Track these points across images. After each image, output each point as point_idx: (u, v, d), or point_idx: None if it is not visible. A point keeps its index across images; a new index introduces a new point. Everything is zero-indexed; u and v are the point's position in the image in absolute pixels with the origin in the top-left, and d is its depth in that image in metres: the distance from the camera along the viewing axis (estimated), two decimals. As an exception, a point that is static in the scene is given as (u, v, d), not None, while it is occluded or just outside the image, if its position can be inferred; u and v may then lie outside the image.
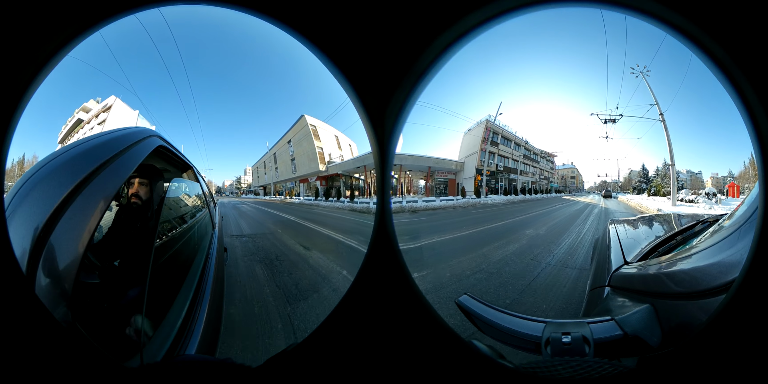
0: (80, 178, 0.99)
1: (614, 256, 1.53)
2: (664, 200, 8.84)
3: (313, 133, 9.13)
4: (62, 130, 5.71)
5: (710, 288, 0.80)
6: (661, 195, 9.14)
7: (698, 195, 7.99)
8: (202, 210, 2.92)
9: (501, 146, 10.81)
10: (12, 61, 0.59)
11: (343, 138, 9.52)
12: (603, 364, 0.69)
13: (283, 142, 9.94)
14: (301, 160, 9.56)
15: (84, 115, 5.81)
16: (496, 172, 10.72)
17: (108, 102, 5.92)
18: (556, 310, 2.90)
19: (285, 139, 9.83)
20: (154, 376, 0.69)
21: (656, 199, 9.22)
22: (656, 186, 9.25)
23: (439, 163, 10.74)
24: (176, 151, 2.28)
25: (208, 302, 1.80)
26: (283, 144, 9.80)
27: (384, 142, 0.71)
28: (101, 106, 5.92)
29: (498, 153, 10.80)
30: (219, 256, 2.59)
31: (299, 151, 9.56)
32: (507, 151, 11.07)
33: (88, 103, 5.78)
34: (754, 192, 0.87)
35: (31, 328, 0.59)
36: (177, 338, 1.32)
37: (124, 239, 1.85)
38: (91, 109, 5.85)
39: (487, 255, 4.88)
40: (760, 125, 0.56)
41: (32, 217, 0.86)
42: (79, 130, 5.84)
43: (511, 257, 4.84)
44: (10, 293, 0.58)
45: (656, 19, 0.62)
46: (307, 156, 9.35)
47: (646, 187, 9.59)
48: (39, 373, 0.59)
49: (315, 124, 9.15)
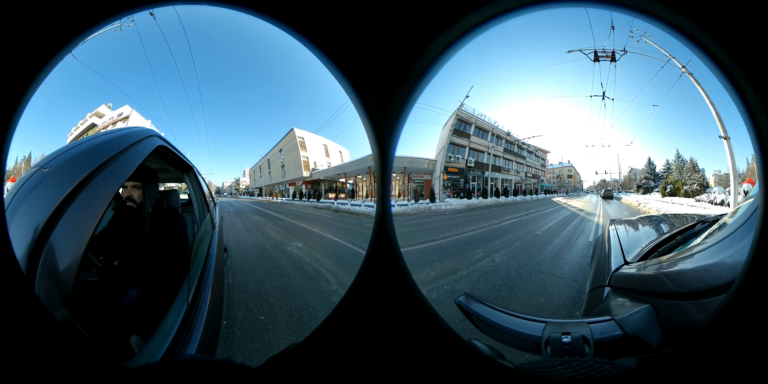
0: (80, 178, 0.99)
1: (614, 256, 1.53)
2: (696, 203, 6.56)
3: (300, 144, 11.20)
4: (72, 132, 5.77)
5: (710, 288, 0.80)
6: (683, 195, 7.01)
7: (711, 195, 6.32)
8: (202, 210, 2.92)
9: (473, 138, 9.22)
10: (12, 62, 0.59)
11: (333, 146, 11.42)
12: (603, 364, 0.69)
13: (276, 150, 12.06)
14: (289, 167, 11.59)
15: (98, 120, 5.90)
16: (465, 169, 8.86)
17: (123, 111, 6.07)
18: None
19: (277, 147, 11.96)
20: (154, 376, 0.69)
21: (680, 200, 6.97)
22: (673, 183, 7.00)
23: (414, 163, 10.36)
24: (176, 151, 2.28)
25: (208, 302, 1.80)
26: (275, 152, 11.88)
27: (384, 143, 0.71)
28: (116, 114, 6.05)
29: (469, 146, 9.20)
30: (219, 256, 2.59)
31: (288, 159, 11.58)
32: (481, 144, 9.14)
33: (100, 108, 5.91)
34: (753, 192, 0.87)
35: (31, 328, 0.59)
36: (177, 338, 1.32)
37: (121, 241, 1.85)
38: (105, 115, 5.96)
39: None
40: (760, 125, 0.56)
41: (32, 217, 0.86)
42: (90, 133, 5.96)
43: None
44: (10, 293, 0.58)
45: (656, 19, 0.62)
46: (294, 164, 11.31)
47: (654, 184, 7.73)
48: (39, 373, 0.59)
49: (303, 136, 11.19)
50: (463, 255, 5.15)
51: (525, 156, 9.80)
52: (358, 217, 8.81)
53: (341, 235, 6.83)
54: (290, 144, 11.55)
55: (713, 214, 4.94)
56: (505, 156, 9.55)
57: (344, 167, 11.05)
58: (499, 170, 9.51)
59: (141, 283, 1.64)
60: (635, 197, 7.92)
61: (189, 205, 3.00)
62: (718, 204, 6.14)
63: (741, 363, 0.57)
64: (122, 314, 1.44)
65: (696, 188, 6.84)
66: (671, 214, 4.12)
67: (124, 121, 5.97)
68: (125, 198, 1.88)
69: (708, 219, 1.63)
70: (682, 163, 7.28)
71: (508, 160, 9.60)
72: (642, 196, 7.88)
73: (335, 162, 11.30)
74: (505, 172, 9.56)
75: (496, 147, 9.50)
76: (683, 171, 7.13)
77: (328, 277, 4.33)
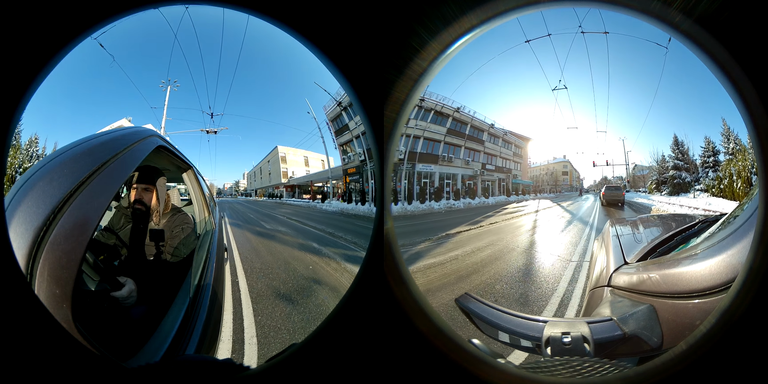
0: (80, 178, 0.99)
1: (614, 256, 1.53)
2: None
3: (281, 159, 16.72)
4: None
5: (710, 288, 0.80)
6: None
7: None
8: (202, 210, 2.92)
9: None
10: (12, 62, 0.59)
11: (315, 156, 16.80)
12: (603, 364, 0.69)
13: (265, 161, 18.43)
14: (273, 175, 17.23)
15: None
16: (360, 166, 5.91)
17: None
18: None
19: (266, 159, 18.22)
20: (154, 376, 0.69)
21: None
22: (738, 173, 3.57)
23: (319, 175, 13.41)
24: (176, 151, 2.28)
25: (208, 302, 1.80)
26: (265, 162, 18.04)
27: (383, 143, 0.71)
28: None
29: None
30: (219, 256, 2.59)
31: (273, 169, 17.35)
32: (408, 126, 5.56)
33: (120, 121, 6.10)
34: (754, 191, 0.87)
35: (31, 328, 0.59)
36: (177, 338, 1.32)
37: (132, 243, 1.87)
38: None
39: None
40: (760, 125, 0.56)
41: (32, 217, 0.86)
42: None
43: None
44: (9, 293, 0.58)
45: (656, 19, 0.62)
46: (276, 173, 16.83)
47: (690, 179, 4.66)
48: (39, 373, 0.59)
49: (285, 152, 16.81)
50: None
51: (484, 139, 6.67)
52: (283, 205, 14.59)
53: (254, 205, 13.38)
54: (274, 158, 17.09)
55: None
56: (447, 140, 6.30)
57: (310, 177, 16.02)
58: (436, 161, 6.23)
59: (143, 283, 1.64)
60: (677, 201, 4.56)
61: (189, 205, 3.00)
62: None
63: (741, 363, 0.57)
64: (124, 315, 1.44)
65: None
66: (671, 213, 3.86)
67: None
68: (134, 200, 1.90)
69: (708, 219, 1.63)
70: (736, 143, 4.18)
71: (452, 146, 6.40)
72: (683, 200, 4.69)
73: (315, 170, 16.33)
74: (447, 164, 6.21)
75: (431, 127, 6.20)
76: (745, 153, 3.83)
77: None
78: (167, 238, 1.94)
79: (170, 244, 1.94)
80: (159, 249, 1.91)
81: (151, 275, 1.68)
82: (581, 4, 0.71)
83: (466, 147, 6.39)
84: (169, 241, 1.94)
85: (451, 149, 6.13)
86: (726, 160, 4.32)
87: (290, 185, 16.13)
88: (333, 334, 0.68)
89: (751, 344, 0.57)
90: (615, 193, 5.13)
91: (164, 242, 1.91)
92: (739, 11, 0.56)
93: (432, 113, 6.19)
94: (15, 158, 10.85)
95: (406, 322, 0.66)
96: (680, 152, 4.79)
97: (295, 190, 16.00)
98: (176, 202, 2.69)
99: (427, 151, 6.03)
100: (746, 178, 4.55)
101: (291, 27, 0.68)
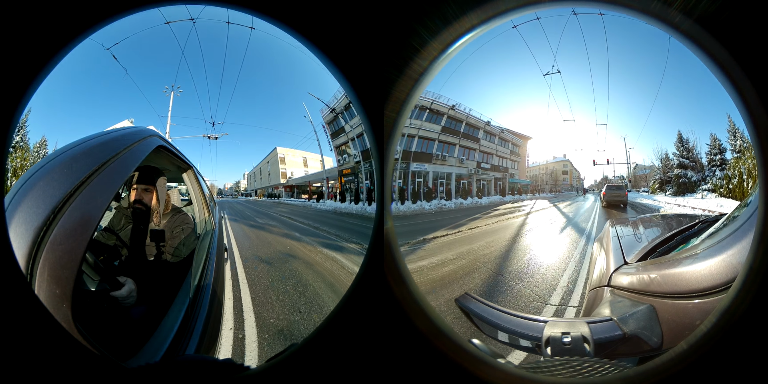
0: (80, 178, 0.99)
1: (614, 256, 1.53)
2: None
3: (280, 160, 16.93)
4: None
5: (710, 288, 0.80)
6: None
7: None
8: (202, 210, 2.91)
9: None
10: (12, 62, 0.59)
11: (313, 156, 16.87)
12: (603, 364, 0.69)
13: (265, 161, 18.42)
14: (272, 175, 17.53)
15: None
16: (354, 167, 5.84)
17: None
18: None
19: (266, 160, 18.24)
20: (154, 376, 0.69)
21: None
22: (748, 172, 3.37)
23: (315, 175, 14.90)
24: (176, 151, 2.28)
25: (208, 302, 1.80)
26: (264, 163, 18.22)
27: (383, 143, 0.70)
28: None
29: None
30: (219, 256, 2.59)
31: (272, 170, 17.62)
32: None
33: (122, 122, 6.27)
34: (754, 191, 0.87)
35: (31, 328, 0.59)
36: (177, 338, 1.32)
37: (132, 243, 1.87)
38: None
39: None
40: (760, 125, 0.56)
41: (32, 217, 0.86)
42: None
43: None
44: (9, 293, 0.58)
45: (656, 19, 0.62)
46: (276, 174, 16.19)
47: (696, 178, 4.27)
48: (39, 373, 0.59)
49: (284, 153, 16.97)
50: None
51: (480, 137, 6.29)
52: (280, 204, 15.57)
53: (252, 205, 14.74)
54: (273, 159, 17.31)
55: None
56: (442, 138, 5.85)
57: (308, 177, 16.35)
58: (429, 160, 5.91)
59: (143, 283, 1.64)
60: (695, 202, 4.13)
61: (189, 205, 3.00)
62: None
63: (742, 363, 0.57)
64: (124, 315, 1.44)
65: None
66: (670, 213, 3.74)
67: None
68: (134, 200, 1.90)
69: (708, 219, 1.63)
70: (742, 141, 3.65)
71: (447, 145, 5.85)
72: (691, 201, 4.29)
73: (313, 170, 16.57)
74: (442, 163, 5.87)
75: (425, 125, 5.59)
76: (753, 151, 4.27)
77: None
78: (167, 238, 1.93)
79: (170, 244, 1.94)
80: (159, 249, 1.91)
81: (151, 275, 1.68)
82: (581, 4, 0.71)
83: (460, 145, 5.97)
84: (169, 241, 1.94)
85: (446, 148, 5.78)
86: (734, 158, 4.11)
87: (289, 185, 16.65)
88: (333, 334, 0.68)
89: (751, 344, 0.57)
90: (617, 192, 4.79)
91: (164, 242, 1.91)
92: (739, 11, 0.56)
93: (427, 111, 5.83)
94: (26, 160, 10.85)
95: (406, 322, 0.66)
96: (685, 150, 4.54)
97: (294, 190, 16.58)
98: (176, 202, 2.68)
99: (421, 150, 5.70)
100: (728, 179, 4.01)
101: (291, 27, 0.68)
